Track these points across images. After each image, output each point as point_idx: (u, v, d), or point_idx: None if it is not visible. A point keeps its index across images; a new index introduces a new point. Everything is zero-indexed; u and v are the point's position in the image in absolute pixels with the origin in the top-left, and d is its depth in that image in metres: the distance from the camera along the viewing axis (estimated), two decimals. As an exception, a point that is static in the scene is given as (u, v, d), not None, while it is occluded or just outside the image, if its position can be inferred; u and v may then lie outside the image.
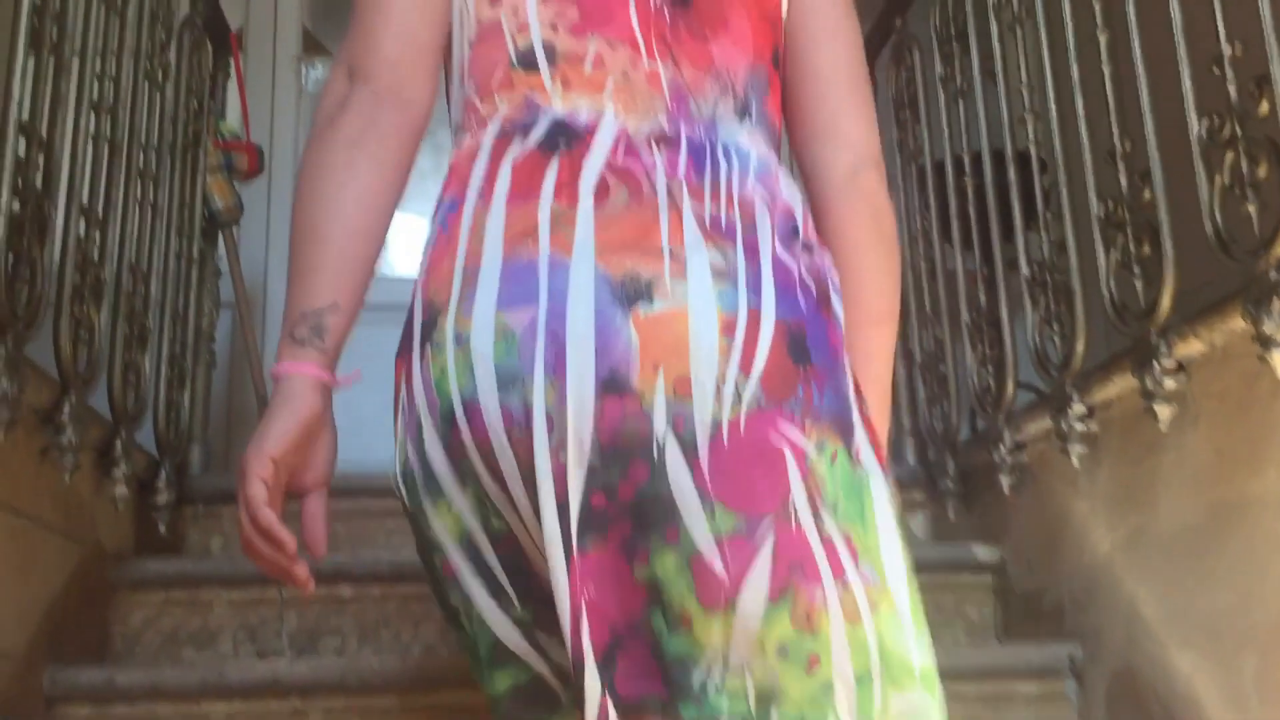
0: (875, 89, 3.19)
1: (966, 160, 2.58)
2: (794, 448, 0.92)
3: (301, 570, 0.98)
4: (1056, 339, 2.16)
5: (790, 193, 1.06)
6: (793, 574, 0.90)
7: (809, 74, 1.14)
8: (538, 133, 1.01)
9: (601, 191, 0.97)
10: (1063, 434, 2.08)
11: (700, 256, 0.94)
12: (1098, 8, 2.02)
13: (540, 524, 0.92)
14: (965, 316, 2.59)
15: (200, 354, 2.83)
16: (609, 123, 1.01)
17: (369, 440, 1.57)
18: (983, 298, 2.52)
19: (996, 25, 2.40)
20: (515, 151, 1.01)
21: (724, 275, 0.94)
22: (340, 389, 1.01)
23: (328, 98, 1.05)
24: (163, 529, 2.47)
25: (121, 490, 2.21)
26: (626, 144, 1.00)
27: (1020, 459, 2.34)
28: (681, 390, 0.90)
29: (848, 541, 0.92)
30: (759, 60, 1.10)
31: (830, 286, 1.02)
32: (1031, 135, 2.27)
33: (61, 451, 1.93)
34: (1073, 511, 2.16)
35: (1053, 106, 2.19)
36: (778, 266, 0.97)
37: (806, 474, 0.91)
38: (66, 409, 1.94)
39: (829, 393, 0.95)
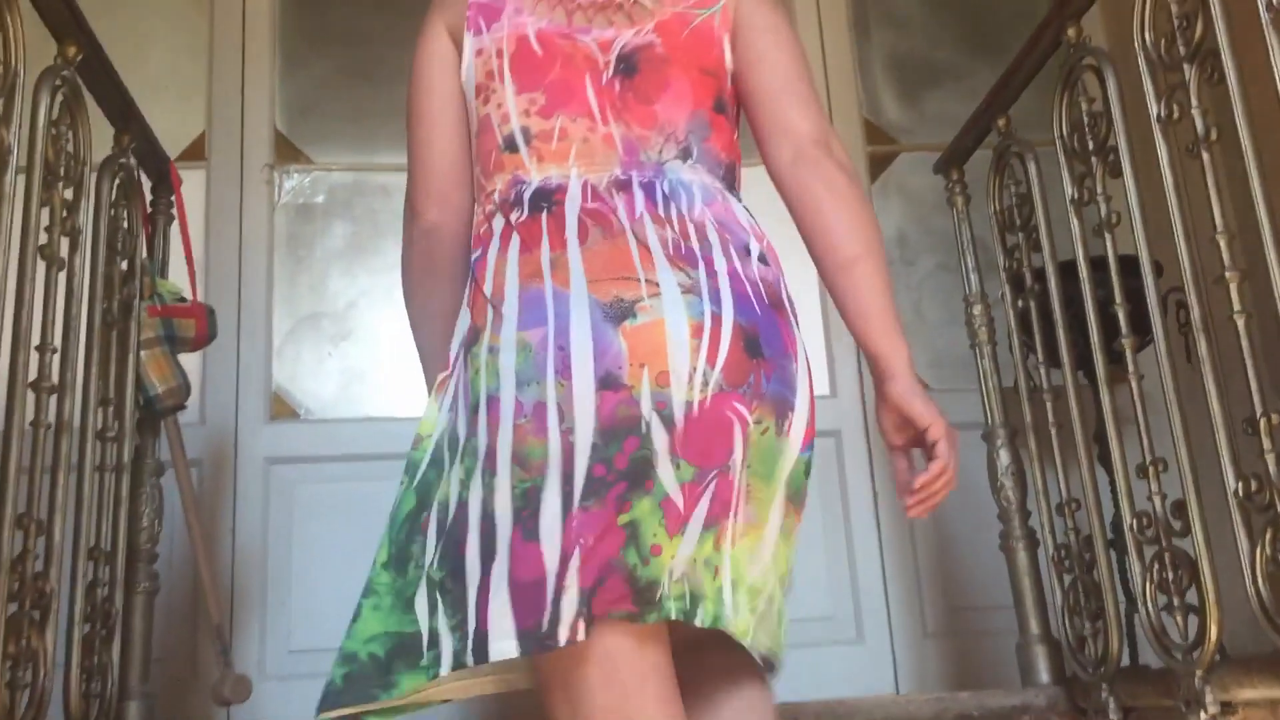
0: (969, 199, 2.62)
1: (1123, 317, 1.96)
2: (740, 419, 1.20)
3: None
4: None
5: (741, 213, 1.35)
6: (721, 510, 1.20)
7: (754, 91, 1.40)
8: (526, 200, 1.32)
9: (582, 233, 1.26)
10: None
11: (669, 277, 1.22)
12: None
13: (531, 492, 1.17)
14: (1129, 519, 1.97)
15: (135, 584, 2.22)
16: (574, 180, 1.31)
17: None
18: (1154, 501, 1.90)
19: (1167, 146, 1.80)
20: (516, 215, 1.31)
21: (690, 290, 1.22)
22: None
23: (404, 233, 1.47)
24: None
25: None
26: (592, 192, 1.30)
27: (1228, 726, 1.73)
28: (662, 381, 1.18)
29: (748, 489, 1.24)
30: (699, 108, 1.37)
31: (782, 290, 1.30)
32: (1236, 303, 1.66)
33: None
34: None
35: (1273, 260, 1.58)
36: (734, 279, 1.25)
37: (747, 439, 1.21)
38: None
39: (775, 379, 1.23)
